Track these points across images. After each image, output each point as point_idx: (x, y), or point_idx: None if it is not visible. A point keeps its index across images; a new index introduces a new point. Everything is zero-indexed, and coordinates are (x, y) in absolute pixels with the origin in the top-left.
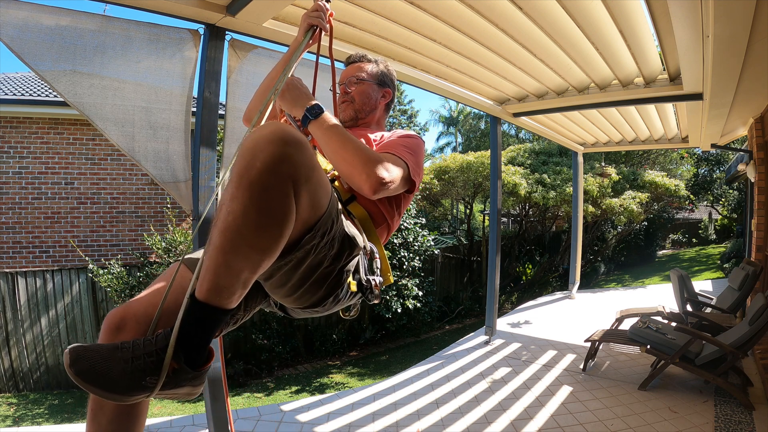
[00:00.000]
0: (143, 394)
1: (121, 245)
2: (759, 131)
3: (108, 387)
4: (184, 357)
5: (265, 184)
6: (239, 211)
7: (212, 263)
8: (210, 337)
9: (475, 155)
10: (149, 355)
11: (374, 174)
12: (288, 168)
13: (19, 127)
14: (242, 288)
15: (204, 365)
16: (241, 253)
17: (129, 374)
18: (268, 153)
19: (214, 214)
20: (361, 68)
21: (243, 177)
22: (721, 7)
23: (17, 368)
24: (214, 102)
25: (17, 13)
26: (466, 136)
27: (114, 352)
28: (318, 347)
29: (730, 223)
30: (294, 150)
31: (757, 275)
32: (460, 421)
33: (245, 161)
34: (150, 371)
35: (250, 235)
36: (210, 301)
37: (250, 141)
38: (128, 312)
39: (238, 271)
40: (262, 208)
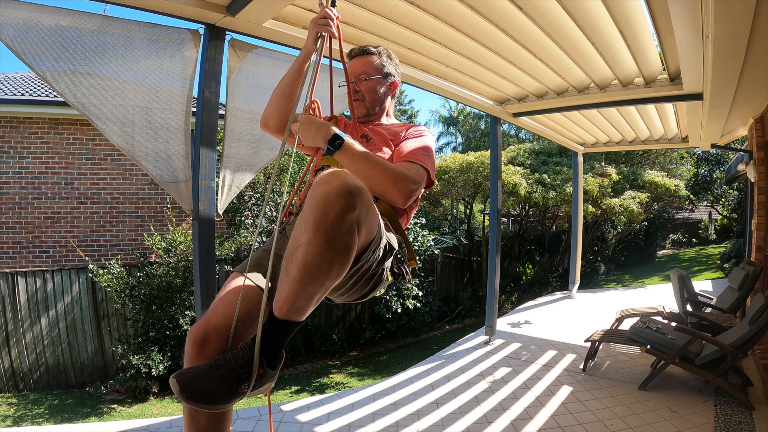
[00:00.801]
0: (240, 398)
1: (121, 245)
2: (759, 131)
3: (214, 401)
4: (266, 363)
5: (338, 230)
6: (316, 253)
7: (292, 291)
8: (285, 343)
9: (475, 155)
10: (240, 368)
11: (404, 190)
12: (354, 214)
13: (19, 127)
14: (315, 305)
15: (279, 365)
16: (317, 282)
17: (227, 387)
18: (339, 206)
19: (289, 250)
20: (366, 63)
21: (319, 227)
22: (721, 7)
23: (17, 368)
24: (214, 102)
25: (17, 13)
26: (466, 136)
27: (212, 371)
28: (318, 347)
29: (730, 223)
30: (359, 200)
31: (757, 275)
32: (460, 421)
33: (320, 213)
34: (243, 380)
35: (325, 268)
36: (289, 318)
37: (321, 194)
38: (209, 326)
39: (314, 294)
40: (335, 247)
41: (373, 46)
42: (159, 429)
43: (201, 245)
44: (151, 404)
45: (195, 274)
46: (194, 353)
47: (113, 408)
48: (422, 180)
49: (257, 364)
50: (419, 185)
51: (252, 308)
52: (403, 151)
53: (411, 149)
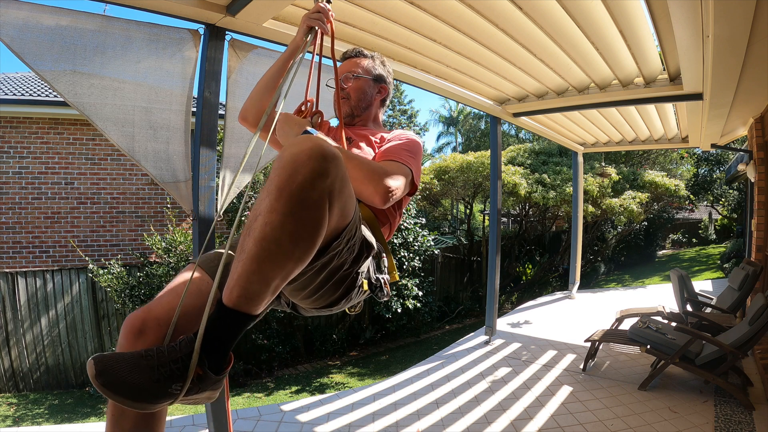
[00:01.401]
0: (168, 400)
1: (121, 245)
2: (759, 131)
3: (135, 397)
4: (208, 362)
5: (305, 198)
6: (277, 222)
7: (245, 271)
8: (234, 342)
9: (475, 155)
10: (175, 362)
11: (381, 186)
12: (326, 182)
13: (19, 127)
14: (271, 295)
15: (225, 369)
16: (276, 261)
17: (155, 382)
18: (309, 168)
19: (247, 223)
20: (356, 64)
21: (284, 190)
22: (721, 7)
23: (17, 368)
24: (214, 102)
25: (17, 13)
26: (466, 136)
27: (139, 361)
28: (318, 347)
29: (730, 223)
30: (332, 165)
31: (757, 275)
32: (460, 421)
33: (286, 174)
34: (176, 378)
35: (286, 244)
36: (239, 308)
37: (290, 155)
38: (149, 315)
39: (271, 279)
40: (300, 219)
41: (368, 51)
42: None
43: (201, 245)
44: None
45: None
46: (127, 344)
47: None
48: (404, 179)
49: (196, 360)
50: (399, 186)
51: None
52: (385, 150)
53: (394, 147)
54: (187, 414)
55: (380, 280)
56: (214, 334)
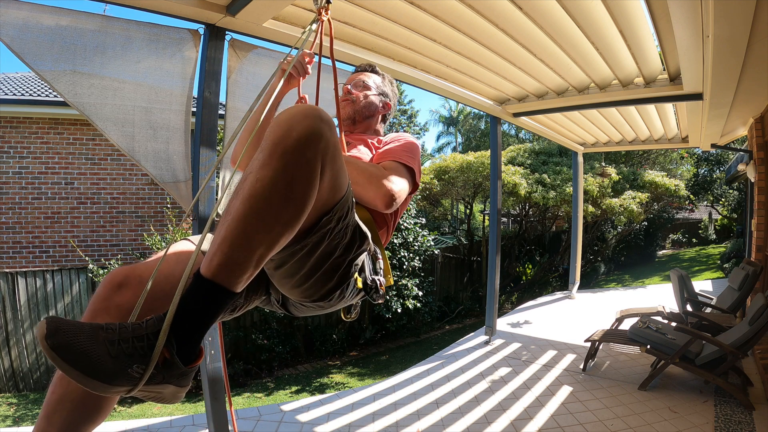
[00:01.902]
0: (127, 385)
1: (121, 245)
2: (759, 131)
3: (87, 369)
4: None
5: (299, 154)
6: (268, 179)
7: (230, 233)
8: (208, 323)
9: (475, 155)
10: (139, 339)
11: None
12: (320, 143)
13: (19, 127)
14: (254, 267)
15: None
16: (263, 222)
17: (113, 358)
18: (305, 126)
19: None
20: (368, 76)
21: (278, 145)
22: (721, 7)
23: (17, 368)
24: (214, 102)
25: (17, 13)
26: (466, 136)
27: (98, 331)
28: (318, 347)
29: (730, 223)
30: (327, 128)
31: (757, 275)
32: (460, 421)
33: (282, 131)
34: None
35: (276, 203)
36: (218, 279)
37: (286, 114)
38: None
39: (256, 245)
40: (292, 177)
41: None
42: (159, 429)
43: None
44: (151, 404)
45: None
46: (104, 293)
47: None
48: (404, 180)
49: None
50: (402, 188)
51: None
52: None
53: (393, 148)
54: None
55: (376, 281)
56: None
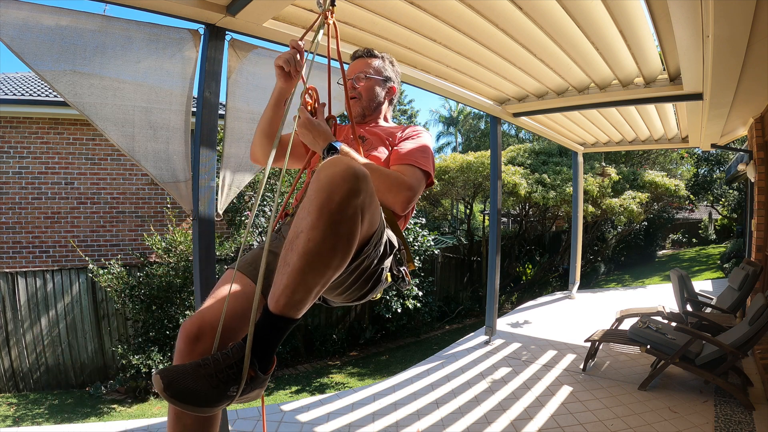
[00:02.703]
0: (227, 402)
1: (121, 245)
2: (759, 131)
3: (200, 403)
4: (258, 364)
5: (342, 215)
6: (319, 238)
7: (291, 282)
8: (279, 343)
9: (475, 155)
10: (230, 368)
11: (400, 195)
12: (359, 200)
13: (19, 127)
14: (312, 300)
15: (270, 368)
16: (317, 272)
17: (215, 388)
18: (345, 189)
19: (289, 239)
20: (367, 64)
21: (323, 210)
22: (721, 7)
23: (17, 368)
24: (214, 102)
25: (17, 13)
26: (466, 136)
27: (198, 370)
28: (318, 347)
29: (730, 223)
30: (363, 184)
31: (757, 275)
32: (460, 421)
33: (325, 195)
34: (232, 382)
35: (327, 256)
36: (285, 314)
37: (326, 177)
38: (204, 322)
39: (313, 287)
40: (338, 233)
41: (378, 51)
42: (159, 429)
43: (201, 245)
44: (151, 404)
45: (195, 274)
46: (186, 348)
47: (113, 408)
48: (420, 184)
49: (248, 364)
50: (417, 190)
51: (247, 305)
52: (400, 153)
53: (408, 150)
54: None
55: (402, 271)
56: (262, 339)
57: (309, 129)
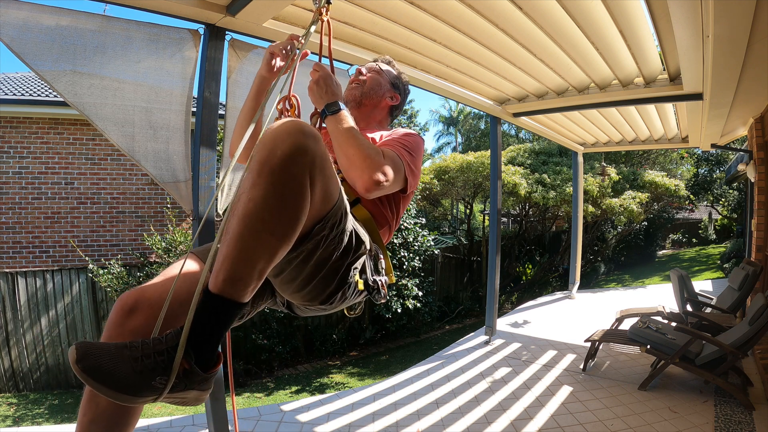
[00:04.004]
0: (152, 395)
1: (121, 245)
2: (759, 131)
3: (116, 386)
4: (195, 357)
5: (285, 172)
6: (260, 197)
7: (230, 251)
8: (221, 333)
9: (475, 155)
10: (159, 354)
11: (369, 172)
12: (306, 158)
13: (19, 127)
14: (257, 279)
15: (213, 368)
16: (260, 239)
17: (138, 374)
18: (289, 143)
19: (231, 205)
20: (383, 66)
21: (265, 165)
22: (721, 7)
23: (17, 368)
24: (214, 102)
25: (17, 13)
26: (466, 136)
27: (122, 350)
28: (318, 347)
29: (730, 223)
30: (312, 141)
31: (757, 275)
32: (460, 421)
33: (267, 150)
34: (160, 371)
35: (270, 220)
36: (225, 293)
37: (271, 133)
38: (142, 296)
39: (256, 259)
40: (282, 194)
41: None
42: (159, 429)
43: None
44: (150, 404)
45: None
46: (117, 320)
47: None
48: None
49: (182, 352)
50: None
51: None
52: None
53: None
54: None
55: (377, 282)
56: (201, 324)
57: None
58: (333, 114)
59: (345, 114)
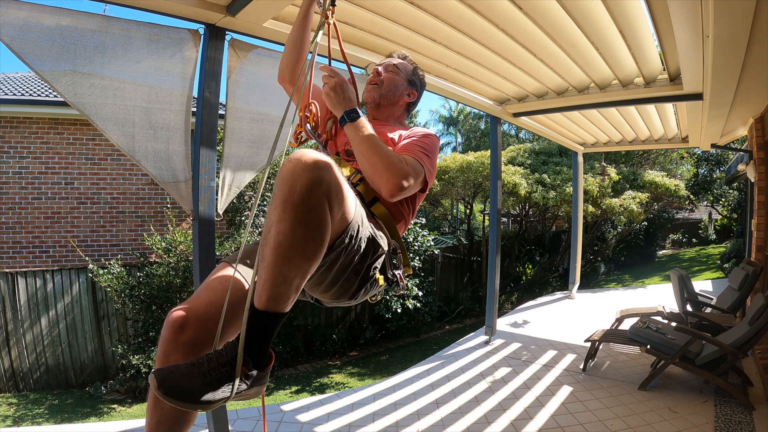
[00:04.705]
0: (223, 399)
1: (121, 245)
2: (759, 131)
3: (193, 400)
4: (252, 362)
5: (306, 204)
6: (288, 230)
7: (269, 276)
8: (270, 339)
9: (475, 155)
10: (222, 366)
11: (394, 180)
12: (321, 188)
13: (19, 127)
14: (295, 293)
15: (267, 365)
16: (293, 263)
17: (209, 386)
18: (305, 179)
19: (263, 235)
20: (399, 63)
21: (287, 202)
22: (721, 7)
23: (17, 368)
24: (214, 102)
25: (17, 13)
26: (466, 136)
27: (192, 369)
28: (318, 347)
29: (730, 223)
30: (326, 173)
31: (757, 275)
32: (460, 421)
33: (287, 188)
34: (225, 379)
35: (299, 247)
36: (269, 309)
37: (287, 171)
38: (190, 312)
39: (292, 279)
40: (306, 223)
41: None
42: None
43: (201, 245)
44: None
45: (195, 274)
46: (170, 336)
47: (113, 408)
48: (417, 177)
49: (241, 362)
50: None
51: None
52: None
53: (412, 145)
54: None
55: (396, 275)
56: (253, 336)
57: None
58: (352, 121)
59: (364, 121)
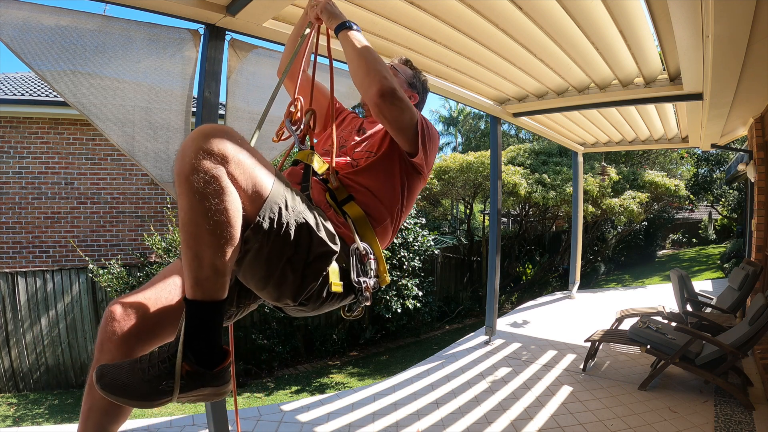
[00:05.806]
0: (164, 398)
1: (121, 245)
2: (759, 131)
3: (131, 396)
4: (195, 358)
5: (198, 176)
6: (186, 205)
7: (185, 260)
8: (213, 333)
9: (475, 155)
10: (162, 362)
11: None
12: (214, 157)
13: (19, 127)
14: (217, 275)
15: (220, 365)
16: (202, 241)
17: (147, 382)
18: (193, 149)
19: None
20: (401, 66)
21: (180, 175)
22: (721, 7)
23: (17, 368)
24: (214, 102)
25: (17, 13)
26: (466, 136)
27: (134, 365)
28: (318, 347)
29: (730, 223)
30: (216, 141)
31: (757, 275)
32: (460, 421)
33: (179, 161)
34: (165, 376)
35: (202, 221)
36: (197, 297)
37: (180, 147)
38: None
39: (207, 259)
40: (204, 195)
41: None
42: (159, 429)
43: None
44: None
45: None
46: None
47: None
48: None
49: (180, 357)
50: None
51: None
52: None
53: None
54: (187, 414)
55: (362, 283)
56: (192, 329)
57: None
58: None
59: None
